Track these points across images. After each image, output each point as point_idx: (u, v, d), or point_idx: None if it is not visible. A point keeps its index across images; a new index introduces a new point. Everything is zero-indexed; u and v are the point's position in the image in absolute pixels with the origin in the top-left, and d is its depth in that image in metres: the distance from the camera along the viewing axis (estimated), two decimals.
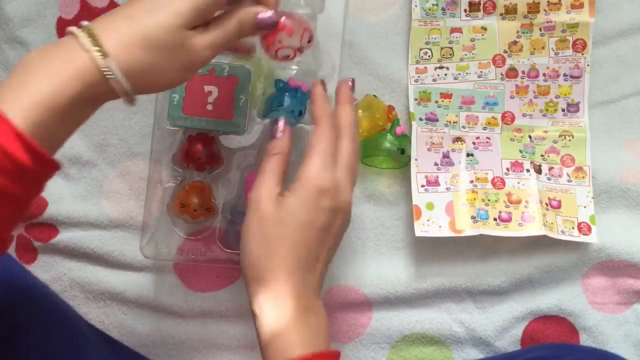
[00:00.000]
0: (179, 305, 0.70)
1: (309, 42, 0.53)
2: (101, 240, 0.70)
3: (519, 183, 0.71)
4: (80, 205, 0.70)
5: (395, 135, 0.69)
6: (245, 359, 0.71)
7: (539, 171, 0.72)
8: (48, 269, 0.70)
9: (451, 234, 0.69)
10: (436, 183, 0.70)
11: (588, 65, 0.72)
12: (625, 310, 0.72)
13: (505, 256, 0.72)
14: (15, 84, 0.42)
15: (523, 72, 0.72)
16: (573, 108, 0.72)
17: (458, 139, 0.72)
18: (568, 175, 0.72)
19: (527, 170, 0.71)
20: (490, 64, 0.72)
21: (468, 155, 0.72)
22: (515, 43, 0.72)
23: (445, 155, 0.71)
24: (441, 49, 0.72)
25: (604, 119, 0.73)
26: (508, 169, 0.71)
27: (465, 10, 0.72)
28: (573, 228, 0.70)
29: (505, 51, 0.72)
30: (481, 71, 0.72)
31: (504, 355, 0.70)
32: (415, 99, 0.72)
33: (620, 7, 0.73)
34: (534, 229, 0.69)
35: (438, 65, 0.72)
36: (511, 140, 0.72)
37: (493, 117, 0.73)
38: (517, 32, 0.72)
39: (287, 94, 0.62)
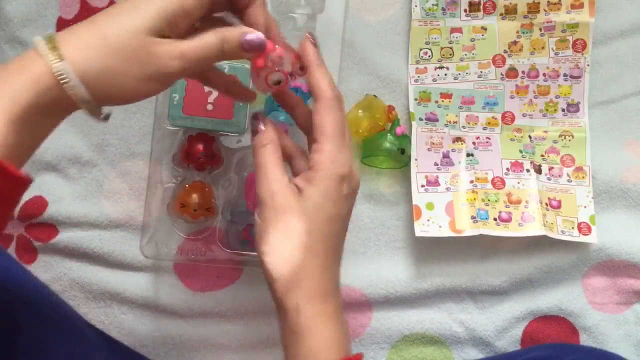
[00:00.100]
0: (179, 305, 0.70)
1: (301, 70, 0.50)
2: (101, 240, 0.70)
3: (519, 183, 0.71)
4: (80, 205, 0.70)
5: (395, 135, 0.69)
6: (245, 359, 0.71)
7: (539, 171, 0.72)
8: (48, 269, 0.70)
9: (451, 234, 0.69)
10: (436, 183, 0.70)
11: (588, 65, 0.72)
12: (625, 310, 0.72)
13: (505, 256, 0.72)
14: None
15: (523, 72, 0.72)
16: (573, 108, 0.72)
17: (458, 139, 0.72)
18: (568, 175, 0.72)
19: (527, 170, 0.71)
20: (490, 64, 0.72)
21: (468, 155, 0.72)
22: (515, 43, 0.72)
23: (445, 155, 0.71)
24: (441, 49, 0.72)
25: (604, 119, 0.73)
26: (508, 169, 0.71)
27: (465, 10, 0.72)
28: (573, 228, 0.70)
29: (505, 51, 0.72)
30: (481, 71, 0.72)
31: (504, 355, 0.70)
32: (415, 99, 0.72)
33: (620, 7, 0.73)
34: (534, 229, 0.69)
35: (438, 65, 0.72)
36: (511, 140, 0.72)
37: (493, 117, 0.73)
38: (517, 32, 0.72)
39: None
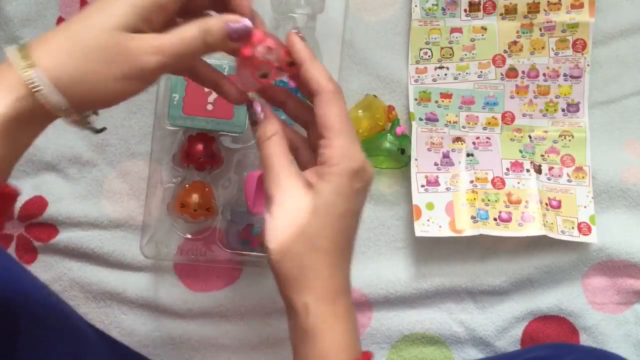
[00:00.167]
0: (179, 305, 0.70)
1: (289, 66, 0.46)
2: (101, 240, 0.70)
3: (519, 183, 0.71)
4: (80, 205, 0.70)
5: (395, 135, 0.69)
6: (245, 359, 0.71)
7: (539, 171, 0.72)
8: (48, 269, 0.70)
9: (451, 234, 0.69)
10: (436, 183, 0.70)
11: (588, 65, 0.72)
12: (625, 310, 0.72)
13: (505, 256, 0.72)
14: None
15: (523, 72, 0.72)
16: (573, 108, 0.72)
17: (458, 139, 0.72)
18: (568, 175, 0.72)
19: (527, 170, 0.71)
20: (490, 64, 0.72)
21: (468, 155, 0.72)
22: (515, 43, 0.72)
23: (445, 155, 0.71)
24: (441, 49, 0.72)
25: (604, 119, 0.73)
26: (508, 169, 0.71)
27: (465, 10, 0.72)
28: (573, 228, 0.70)
29: (505, 51, 0.72)
30: (481, 71, 0.72)
31: (504, 355, 0.70)
32: (415, 99, 0.72)
33: (620, 7, 0.73)
34: (534, 229, 0.69)
35: (438, 65, 0.72)
36: (511, 140, 0.72)
37: (493, 117, 0.73)
38: (517, 32, 0.72)
39: None
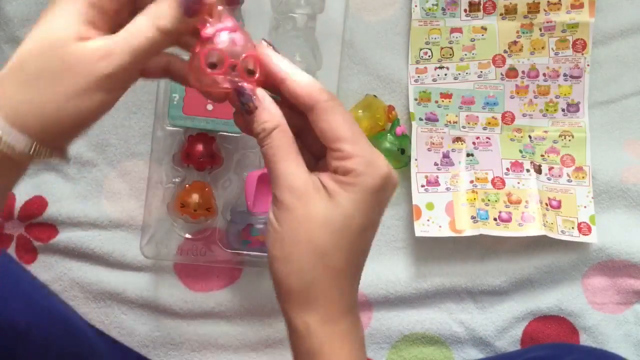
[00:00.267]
0: (179, 305, 0.70)
1: (249, 74, 0.38)
2: (101, 240, 0.70)
3: (519, 183, 0.71)
4: (80, 205, 0.70)
5: (395, 135, 0.69)
6: (245, 359, 0.71)
7: (539, 171, 0.72)
8: (48, 269, 0.70)
9: (451, 234, 0.69)
10: (436, 183, 0.70)
11: (588, 65, 0.72)
12: (625, 310, 0.72)
13: (505, 256, 0.72)
14: None
15: (523, 72, 0.72)
16: (573, 108, 0.72)
17: (458, 139, 0.72)
18: (568, 175, 0.72)
19: (527, 170, 0.71)
20: (490, 64, 0.72)
21: (468, 155, 0.72)
22: (515, 43, 0.72)
23: (445, 155, 0.71)
24: (441, 49, 0.72)
25: (604, 119, 0.73)
26: (508, 169, 0.71)
27: (465, 10, 0.72)
28: (573, 228, 0.70)
29: (505, 51, 0.72)
30: (481, 71, 0.72)
31: (504, 355, 0.70)
32: (415, 99, 0.72)
33: (620, 7, 0.73)
34: (534, 229, 0.69)
35: (438, 65, 0.72)
36: (511, 140, 0.72)
37: (493, 117, 0.73)
38: (517, 32, 0.72)
39: None
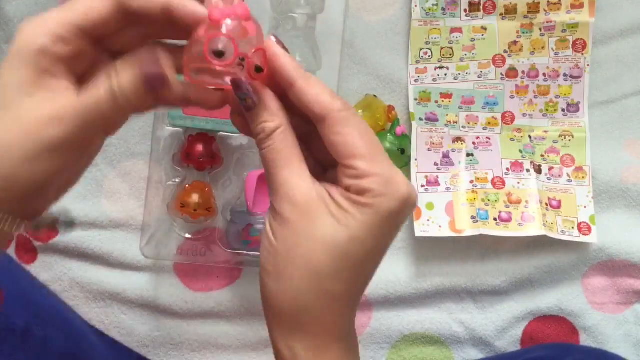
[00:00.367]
0: (179, 305, 0.70)
1: (257, 71, 0.35)
2: (101, 240, 0.70)
3: (519, 183, 0.71)
4: (80, 205, 0.70)
5: (395, 135, 0.69)
6: (245, 359, 0.71)
7: (539, 171, 0.72)
8: (48, 269, 0.70)
9: (451, 234, 0.69)
10: (436, 183, 0.70)
11: (588, 65, 0.72)
12: (625, 310, 0.72)
13: (505, 256, 0.72)
14: None
15: (523, 72, 0.72)
16: (573, 108, 0.72)
17: (458, 139, 0.72)
18: (568, 175, 0.72)
19: (527, 170, 0.71)
20: (490, 64, 0.72)
21: (468, 155, 0.72)
22: (515, 43, 0.72)
23: (445, 155, 0.71)
24: (441, 49, 0.72)
25: (604, 119, 0.73)
26: (508, 169, 0.71)
27: (465, 10, 0.72)
28: (573, 228, 0.70)
29: (505, 51, 0.72)
30: (481, 71, 0.72)
31: (504, 355, 0.70)
32: (415, 99, 0.72)
33: (620, 7, 0.73)
34: (534, 229, 0.69)
35: (438, 65, 0.72)
36: (511, 140, 0.72)
37: (493, 117, 0.73)
38: (517, 32, 0.72)
39: None
